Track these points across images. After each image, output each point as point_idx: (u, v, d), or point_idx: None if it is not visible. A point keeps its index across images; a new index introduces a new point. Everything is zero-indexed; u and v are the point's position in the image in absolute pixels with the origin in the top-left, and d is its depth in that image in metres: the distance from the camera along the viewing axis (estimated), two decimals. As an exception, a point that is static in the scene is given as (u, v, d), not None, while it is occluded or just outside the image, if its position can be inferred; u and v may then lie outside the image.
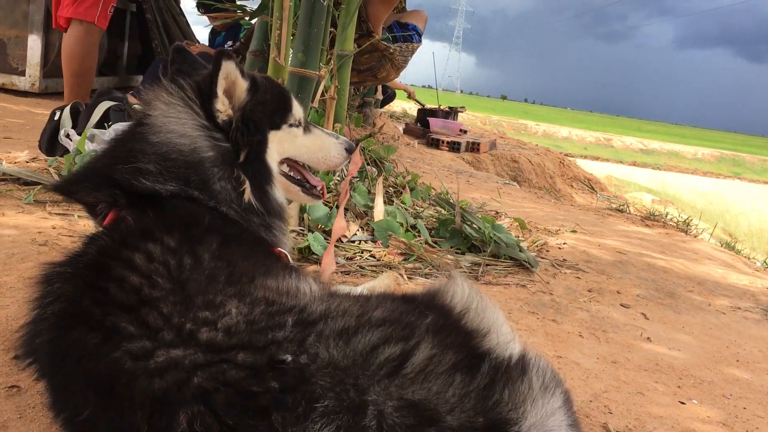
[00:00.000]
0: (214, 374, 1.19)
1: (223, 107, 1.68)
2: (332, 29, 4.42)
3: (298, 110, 1.89)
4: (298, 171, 2.02)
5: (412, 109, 15.23)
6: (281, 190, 1.88)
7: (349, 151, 2.07)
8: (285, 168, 1.95)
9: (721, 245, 6.79)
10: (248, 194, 1.70)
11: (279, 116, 1.84)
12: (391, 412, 1.13)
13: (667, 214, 6.73)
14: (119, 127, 2.52)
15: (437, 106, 12.57)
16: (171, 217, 1.56)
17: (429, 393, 1.19)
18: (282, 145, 1.85)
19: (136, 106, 1.82)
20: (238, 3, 5.85)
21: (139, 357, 1.22)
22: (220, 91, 1.66)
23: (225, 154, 1.69)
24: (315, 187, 2.07)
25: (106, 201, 1.63)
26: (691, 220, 6.44)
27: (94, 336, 1.28)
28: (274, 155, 1.81)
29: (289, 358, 1.21)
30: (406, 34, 6.96)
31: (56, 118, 4.44)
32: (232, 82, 1.68)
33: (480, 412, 1.19)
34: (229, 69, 1.66)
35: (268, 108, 1.78)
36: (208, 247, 1.50)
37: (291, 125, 1.87)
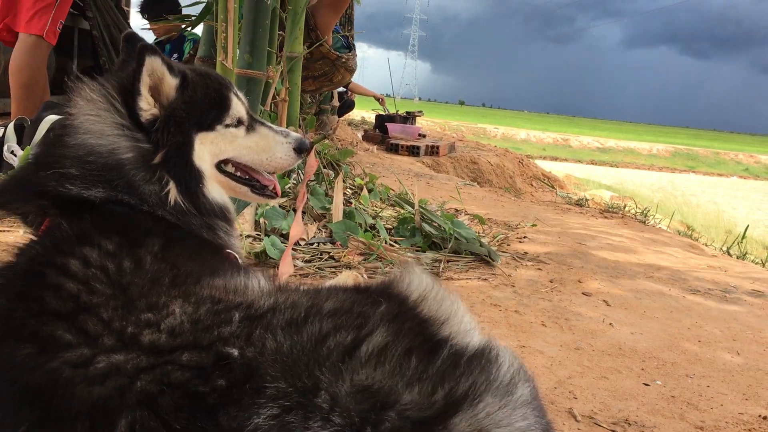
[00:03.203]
0: (158, 377, 1.13)
1: (147, 106, 1.57)
2: (281, 32, 4.37)
3: (238, 109, 1.77)
4: (245, 171, 1.92)
5: (371, 116, 15.22)
6: (222, 191, 1.79)
7: (299, 150, 1.90)
8: (230, 168, 1.84)
9: (679, 234, 6.90)
10: (173, 196, 1.59)
11: (212, 116, 1.71)
12: (344, 395, 1.09)
13: (625, 206, 6.82)
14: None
15: (395, 112, 12.59)
16: (107, 221, 1.49)
17: (383, 376, 1.14)
18: (217, 146, 1.73)
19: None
20: (183, 14, 5.75)
21: (78, 365, 1.15)
22: (143, 89, 1.55)
23: (146, 156, 1.57)
24: (266, 186, 1.95)
25: (35, 211, 1.55)
26: (649, 211, 6.54)
27: (29, 347, 1.20)
28: (205, 157, 1.69)
29: (236, 352, 1.16)
30: (342, 35, 6.99)
31: (0, 134, 4.29)
32: (159, 78, 1.57)
33: (439, 393, 1.15)
34: (154, 65, 1.55)
35: (197, 107, 1.66)
36: (150, 249, 1.43)
37: (228, 126, 1.74)
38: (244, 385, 1.10)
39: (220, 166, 1.79)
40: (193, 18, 4.87)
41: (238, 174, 1.88)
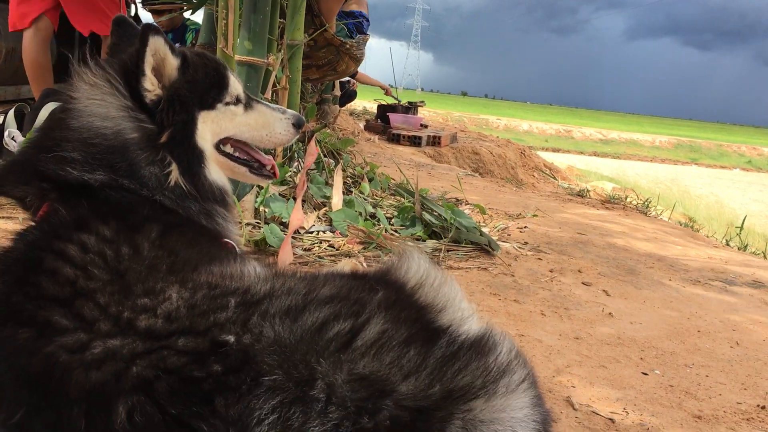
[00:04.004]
0: (154, 362, 1.13)
1: (151, 86, 1.57)
2: (282, 20, 4.35)
3: (236, 87, 1.79)
4: (244, 151, 1.92)
5: (373, 106, 15.20)
6: (221, 172, 1.79)
7: (297, 126, 1.94)
8: (229, 149, 1.85)
9: (681, 225, 6.89)
10: (174, 176, 1.59)
11: (213, 95, 1.72)
12: (341, 384, 1.09)
13: (626, 197, 6.80)
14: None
15: (397, 102, 12.55)
16: (105, 207, 1.48)
17: (381, 365, 1.14)
18: (218, 125, 1.74)
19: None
20: None
21: (75, 350, 1.16)
22: (147, 69, 1.55)
23: (150, 136, 1.57)
24: (264, 166, 1.95)
25: (35, 194, 1.54)
26: (650, 202, 6.53)
27: (26, 332, 1.20)
28: (206, 136, 1.70)
29: (232, 339, 1.15)
30: (357, 22, 6.92)
31: (0, 121, 4.29)
32: (161, 59, 1.57)
33: (436, 382, 1.15)
34: (157, 45, 1.55)
35: (198, 87, 1.67)
36: (147, 236, 1.42)
37: (228, 104, 1.76)
38: (241, 372, 1.10)
39: (219, 146, 1.80)
40: (194, 1, 4.84)
41: (237, 154, 1.89)
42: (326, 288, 1.33)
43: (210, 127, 1.71)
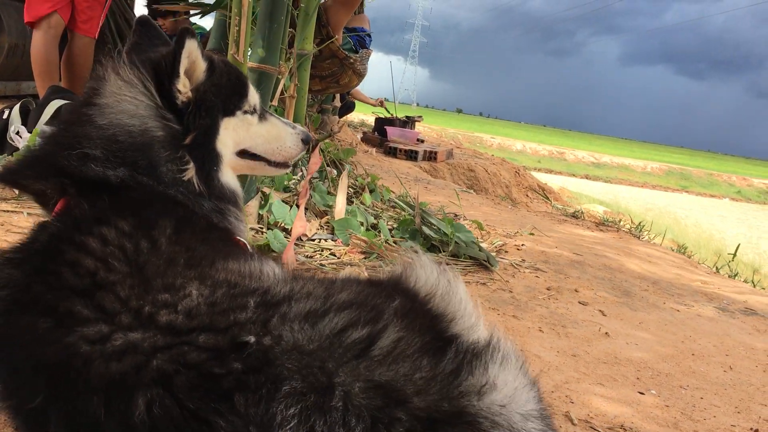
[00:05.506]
0: (174, 357, 1.14)
1: (183, 88, 1.60)
2: (292, 29, 4.39)
3: (254, 96, 1.83)
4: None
5: (370, 119, 15.28)
6: (234, 176, 1.81)
7: (305, 141, 1.99)
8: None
9: (673, 251, 6.96)
10: (190, 174, 1.62)
11: (234, 101, 1.76)
12: (357, 393, 1.10)
13: (620, 220, 6.87)
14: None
15: (391, 116, 12.62)
16: (123, 202, 1.51)
17: (396, 374, 1.16)
18: (237, 133, 1.78)
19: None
20: (195, 2, 5.74)
21: (95, 341, 1.17)
22: (182, 70, 1.58)
23: (175, 136, 1.61)
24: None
25: (54, 189, 1.56)
26: (644, 226, 6.59)
27: (46, 321, 1.22)
28: (227, 143, 1.74)
29: (252, 339, 1.16)
30: (359, 37, 6.99)
31: (5, 116, 4.30)
32: (193, 62, 1.61)
33: (445, 398, 1.17)
34: (191, 48, 1.59)
35: (222, 92, 1.71)
36: (164, 231, 1.44)
37: (246, 112, 1.80)
38: (261, 373, 1.11)
39: (233, 154, 1.83)
40: (208, 4, 4.89)
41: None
42: (344, 293, 1.35)
43: (231, 135, 1.75)
